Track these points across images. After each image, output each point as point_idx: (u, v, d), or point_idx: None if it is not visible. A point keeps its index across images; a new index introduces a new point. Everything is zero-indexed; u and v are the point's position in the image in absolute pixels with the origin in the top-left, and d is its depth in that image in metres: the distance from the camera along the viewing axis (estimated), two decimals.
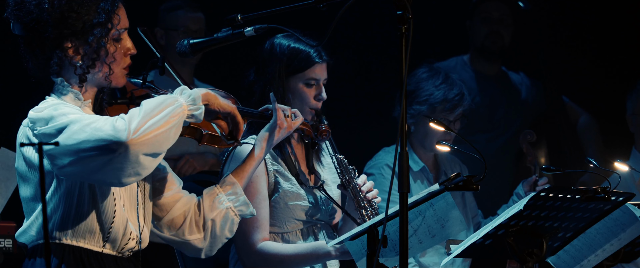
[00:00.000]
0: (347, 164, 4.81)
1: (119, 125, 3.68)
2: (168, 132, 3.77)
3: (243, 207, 4.21)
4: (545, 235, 4.17)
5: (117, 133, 3.67)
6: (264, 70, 4.84)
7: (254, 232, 4.73)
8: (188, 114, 3.84)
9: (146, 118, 3.73)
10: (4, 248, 5.44)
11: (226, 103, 4.02)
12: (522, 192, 6.08)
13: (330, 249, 4.67)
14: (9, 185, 5.41)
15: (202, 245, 4.17)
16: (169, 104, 3.80)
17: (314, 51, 4.83)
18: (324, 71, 4.87)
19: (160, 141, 3.75)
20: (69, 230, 3.87)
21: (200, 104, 3.88)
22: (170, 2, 6.82)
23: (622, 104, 6.86)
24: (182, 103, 3.83)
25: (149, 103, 3.79)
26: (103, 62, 3.90)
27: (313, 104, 4.84)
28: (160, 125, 3.74)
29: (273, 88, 4.79)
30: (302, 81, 4.84)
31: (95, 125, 3.70)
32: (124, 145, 3.67)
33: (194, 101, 3.87)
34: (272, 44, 4.85)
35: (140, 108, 3.77)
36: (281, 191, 4.79)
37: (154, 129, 3.72)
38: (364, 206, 4.73)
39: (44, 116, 3.79)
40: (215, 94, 4.00)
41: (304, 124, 4.54)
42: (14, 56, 4.01)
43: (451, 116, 6.14)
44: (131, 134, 3.67)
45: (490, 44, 7.21)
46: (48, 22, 3.82)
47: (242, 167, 4.25)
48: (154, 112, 3.75)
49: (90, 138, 3.69)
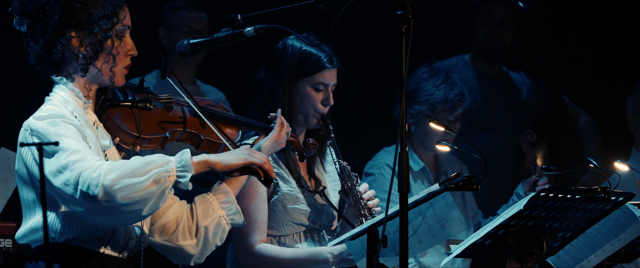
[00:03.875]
0: (350, 170, 4.81)
1: (95, 177, 3.65)
2: (146, 197, 3.70)
3: (235, 216, 4.19)
4: (545, 235, 4.17)
5: (90, 187, 3.65)
6: (274, 70, 4.84)
7: (252, 234, 4.72)
8: (174, 180, 3.76)
9: (124, 176, 3.67)
10: (4, 248, 5.44)
11: (235, 160, 3.90)
12: (522, 192, 6.08)
13: (328, 255, 4.67)
14: (9, 185, 5.41)
15: (194, 252, 4.15)
16: (157, 165, 3.73)
17: (325, 55, 4.82)
18: (334, 76, 4.86)
19: (137, 203, 3.69)
20: (70, 231, 3.87)
21: (190, 172, 3.78)
22: (174, 2, 6.82)
23: (622, 104, 6.86)
24: (171, 168, 3.76)
25: (137, 160, 3.74)
26: (107, 54, 3.89)
27: (320, 108, 4.83)
28: (139, 189, 3.68)
29: (282, 89, 4.79)
30: (311, 85, 4.83)
31: (80, 166, 3.67)
32: (95, 200, 3.65)
33: (184, 167, 3.78)
34: (284, 44, 4.85)
35: (125, 162, 3.72)
36: (280, 194, 4.79)
37: (130, 192, 3.67)
38: (364, 214, 4.73)
39: (41, 130, 3.78)
40: (219, 159, 3.88)
41: (293, 137, 4.56)
42: (14, 56, 4.02)
43: (451, 116, 6.13)
44: (102, 191, 3.64)
45: (491, 46, 7.21)
46: (54, 10, 3.83)
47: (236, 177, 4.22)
48: (137, 172, 3.70)
49: (72, 179, 3.67)
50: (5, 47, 4.75)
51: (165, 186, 3.73)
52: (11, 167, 3.98)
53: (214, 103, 4.34)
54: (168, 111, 4.11)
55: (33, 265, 3.91)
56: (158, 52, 4.20)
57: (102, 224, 3.82)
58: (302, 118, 4.82)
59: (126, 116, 4.00)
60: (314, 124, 4.83)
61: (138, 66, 4.07)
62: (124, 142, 4.00)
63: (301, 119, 4.81)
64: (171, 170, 3.75)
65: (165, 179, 3.73)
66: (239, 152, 3.93)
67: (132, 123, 3.97)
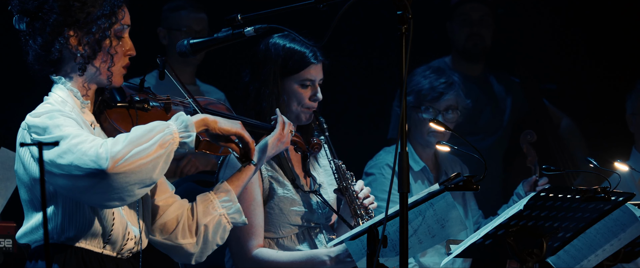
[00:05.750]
0: (345, 170, 4.80)
1: (102, 152, 3.65)
2: (156, 161, 3.72)
3: (236, 215, 4.19)
4: (545, 235, 4.17)
5: (98, 161, 3.64)
6: (259, 71, 4.82)
7: (249, 239, 4.71)
8: (179, 141, 3.79)
9: (131, 145, 3.69)
10: (4, 248, 5.44)
11: (230, 125, 3.98)
12: (522, 192, 6.08)
13: (325, 258, 4.66)
14: (9, 185, 5.41)
15: (194, 250, 4.15)
16: (159, 131, 3.76)
17: (309, 51, 4.81)
18: (320, 71, 4.85)
19: (147, 170, 3.70)
20: (70, 231, 3.87)
21: (193, 131, 3.82)
22: (174, 2, 6.82)
23: (622, 104, 6.86)
24: (173, 130, 3.79)
25: (138, 129, 3.75)
26: (106, 53, 3.89)
27: (308, 104, 4.82)
28: (147, 154, 3.70)
29: (268, 89, 4.77)
30: (297, 82, 4.82)
31: (83, 147, 3.68)
32: (104, 174, 3.65)
33: (186, 127, 3.82)
34: (267, 44, 4.83)
35: (127, 134, 3.74)
36: (276, 197, 4.78)
37: (139, 159, 3.68)
38: (361, 214, 4.72)
39: (40, 124, 3.78)
40: (216, 118, 3.95)
41: (296, 137, 4.56)
42: (14, 56, 4.02)
43: (439, 105, 6.14)
44: (112, 163, 3.64)
45: (472, 46, 7.18)
46: (53, 8, 3.83)
47: (237, 175, 4.23)
48: (142, 139, 3.71)
49: (77, 161, 3.67)
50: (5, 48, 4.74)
51: (171, 149, 3.76)
52: (11, 167, 3.98)
53: (216, 102, 4.34)
54: (167, 111, 4.10)
55: (33, 264, 3.91)
56: (158, 53, 4.20)
57: (112, 201, 3.77)
58: (293, 116, 4.80)
59: (123, 118, 3.99)
60: (305, 120, 4.82)
61: (137, 66, 4.07)
62: None
63: (292, 117, 4.80)
64: (174, 132, 3.78)
65: (170, 142, 3.76)
66: (234, 122, 3.98)
67: (130, 125, 3.96)
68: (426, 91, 6.14)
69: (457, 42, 7.20)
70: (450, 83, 6.17)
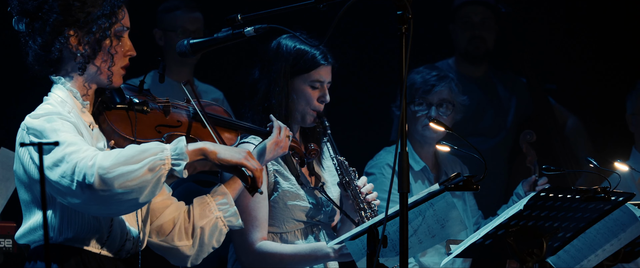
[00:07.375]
0: (348, 165, 4.82)
1: (91, 165, 3.63)
2: (142, 185, 3.67)
3: (232, 218, 4.18)
4: (545, 235, 4.17)
5: (87, 175, 3.63)
6: (269, 69, 4.84)
7: (252, 232, 4.73)
8: (169, 168, 3.72)
9: (119, 164, 3.65)
10: (4, 248, 5.44)
11: (230, 156, 3.85)
12: (522, 192, 6.08)
13: (329, 250, 4.67)
14: (9, 185, 5.41)
15: (190, 252, 4.14)
16: (152, 154, 3.70)
17: (320, 52, 4.84)
18: (329, 73, 4.88)
19: (133, 191, 3.66)
20: (68, 232, 3.87)
21: (185, 160, 3.73)
22: (168, 3, 6.81)
23: (622, 104, 6.86)
24: (166, 156, 3.72)
25: (132, 148, 3.71)
26: (106, 53, 3.89)
27: (316, 105, 4.84)
28: (134, 177, 3.65)
29: (278, 87, 4.79)
30: (307, 82, 4.84)
31: (75, 157, 3.66)
32: (91, 188, 3.63)
33: (179, 155, 3.74)
34: (278, 43, 4.85)
35: (121, 150, 3.71)
36: (280, 191, 4.80)
37: (125, 180, 3.64)
38: (364, 208, 4.74)
39: (37, 127, 3.78)
40: (215, 149, 3.83)
41: (294, 142, 4.56)
42: (14, 56, 4.01)
43: (432, 98, 6.14)
44: (97, 178, 3.62)
45: (474, 49, 7.18)
46: (53, 8, 3.83)
47: (235, 178, 4.19)
48: (132, 159, 3.67)
49: (68, 171, 3.66)
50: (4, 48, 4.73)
51: (160, 174, 3.70)
52: (11, 167, 3.98)
53: (214, 104, 4.34)
54: (165, 114, 4.10)
55: (32, 265, 3.91)
56: (155, 54, 4.20)
57: (99, 215, 3.80)
58: (299, 116, 4.83)
59: (122, 120, 3.98)
60: (310, 122, 4.84)
61: (136, 67, 4.07)
62: (119, 146, 3.97)
63: (298, 117, 4.82)
64: (166, 158, 3.71)
65: (160, 167, 3.70)
66: (237, 151, 3.88)
67: (128, 127, 3.96)
68: (418, 84, 6.16)
69: (460, 45, 7.20)
70: (443, 76, 6.18)
